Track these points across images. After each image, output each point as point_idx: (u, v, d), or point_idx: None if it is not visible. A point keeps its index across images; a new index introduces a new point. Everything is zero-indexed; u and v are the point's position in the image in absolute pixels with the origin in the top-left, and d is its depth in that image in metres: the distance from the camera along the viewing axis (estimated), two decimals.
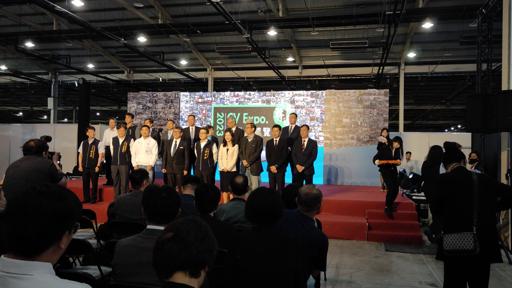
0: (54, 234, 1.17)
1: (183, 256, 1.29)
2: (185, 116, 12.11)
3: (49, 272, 1.17)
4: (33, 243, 1.14)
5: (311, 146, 7.36)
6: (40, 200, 1.16)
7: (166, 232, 1.34)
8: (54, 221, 1.16)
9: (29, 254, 1.15)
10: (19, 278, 1.12)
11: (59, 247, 1.20)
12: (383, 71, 14.98)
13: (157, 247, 1.33)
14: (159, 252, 1.32)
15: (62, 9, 10.01)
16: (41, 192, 1.18)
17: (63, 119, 32.34)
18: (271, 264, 2.16)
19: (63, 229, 1.19)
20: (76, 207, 1.23)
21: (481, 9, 8.28)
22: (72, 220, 1.22)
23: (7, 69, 17.94)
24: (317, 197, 2.73)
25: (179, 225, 1.35)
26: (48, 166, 3.82)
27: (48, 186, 1.22)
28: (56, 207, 1.17)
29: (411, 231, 6.98)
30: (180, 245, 1.30)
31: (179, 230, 1.33)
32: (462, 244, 2.88)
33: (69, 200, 1.21)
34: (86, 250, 3.26)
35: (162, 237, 1.33)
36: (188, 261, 1.30)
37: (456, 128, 30.96)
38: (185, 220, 1.38)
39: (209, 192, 2.84)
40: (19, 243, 1.14)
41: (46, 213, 1.15)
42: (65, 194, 1.22)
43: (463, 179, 3.08)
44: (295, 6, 12.64)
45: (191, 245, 1.30)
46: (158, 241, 1.33)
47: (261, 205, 2.28)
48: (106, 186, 9.22)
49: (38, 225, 1.14)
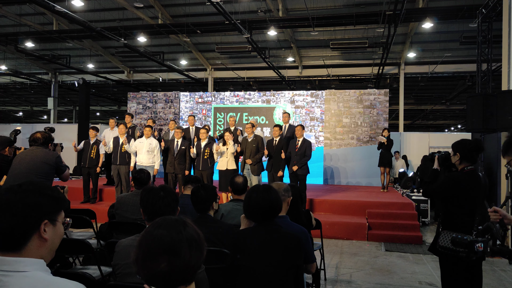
0: (28, 224, 1.17)
1: (182, 277, 1.17)
2: (185, 116, 12.11)
3: (41, 269, 1.16)
4: (10, 235, 1.15)
5: (304, 146, 7.32)
6: (10, 195, 1.18)
7: (156, 261, 1.14)
8: (24, 211, 1.16)
9: (12, 248, 1.15)
10: (11, 275, 1.11)
11: (41, 237, 1.18)
12: (383, 71, 14.98)
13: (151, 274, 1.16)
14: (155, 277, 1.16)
15: (62, 9, 10.01)
16: (11, 189, 1.20)
17: (63, 119, 32.35)
18: (272, 262, 2.16)
19: (37, 217, 1.18)
20: (50, 197, 1.23)
21: (481, 9, 8.27)
22: (48, 209, 1.21)
23: (7, 69, 17.94)
24: (287, 189, 2.76)
25: (169, 245, 1.15)
26: (54, 158, 3.92)
27: (20, 184, 1.23)
28: (25, 200, 1.17)
29: (411, 231, 6.98)
30: (177, 270, 1.15)
31: (173, 252, 1.14)
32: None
33: (41, 192, 1.21)
34: (86, 250, 3.26)
35: (154, 268, 1.14)
36: (188, 278, 1.19)
37: (456, 128, 30.95)
38: (169, 234, 1.16)
39: (200, 191, 2.84)
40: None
41: (16, 206, 1.16)
42: (39, 187, 1.23)
43: (473, 185, 3.01)
44: (295, 6, 12.64)
45: (188, 267, 1.16)
46: (150, 270, 1.15)
47: (258, 202, 2.28)
48: (106, 186, 9.22)
49: (9, 218, 1.15)
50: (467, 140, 3.13)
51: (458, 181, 3.01)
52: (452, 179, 3.05)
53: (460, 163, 3.10)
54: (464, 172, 3.06)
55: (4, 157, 4.33)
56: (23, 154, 3.93)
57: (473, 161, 3.08)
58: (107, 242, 3.05)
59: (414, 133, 15.08)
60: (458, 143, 3.12)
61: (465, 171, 3.06)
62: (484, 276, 3.47)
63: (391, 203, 7.75)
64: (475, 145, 3.07)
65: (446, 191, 3.06)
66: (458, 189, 3.00)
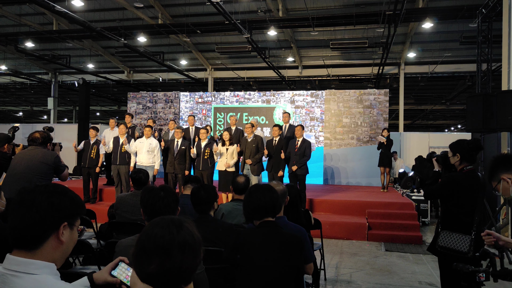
0: (49, 223, 1.18)
1: (175, 279, 1.15)
2: (185, 116, 12.11)
3: (51, 273, 1.17)
4: (31, 231, 1.15)
5: (304, 146, 7.33)
6: (36, 194, 1.19)
7: (148, 260, 1.12)
8: (48, 210, 1.17)
9: (29, 246, 1.16)
10: (20, 277, 1.11)
11: (58, 239, 1.19)
12: (383, 71, 14.98)
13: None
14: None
15: (62, 9, 10.01)
16: (37, 188, 1.21)
17: (63, 119, 32.34)
18: (272, 262, 2.15)
19: (59, 218, 1.19)
20: (73, 200, 1.24)
21: (481, 9, 8.28)
22: (70, 212, 1.22)
23: (7, 69, 17.93)
24: (284, 193, 2.73)
25: (161, 249, 1.12)
26: (53, 158, 3.92)
27: (47, 185, 1.24)
28: (51, 200, 1.19)
29: (411, 231, 6.98)
30: (168, 271, 1.13)
31: (164, 253, 1.12)
32: (457, 245, 2.88)
33: (66, 195, 1.23)
34: (86, 250, 3.26)
35: (146, 267, 1.12)
36: (182, 280, 1.17)
37: (456, 128, 30.95)
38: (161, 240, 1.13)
39: (201, 192, 2.83)
40: (18, 234, 1.16)
41: (42, 204, 1.17)
42: (63, 189, 1.25)
43: (473, 185, 3.00)
44: (295, 6, 12.63)
45: (181, 270, 1.14)
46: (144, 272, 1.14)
47: (259, 201, 2.28)
48: (106, 186, 9.22)
49: (33, 214, 1.16)
50: (465, 140, 3.12)
51: (458, 181, 3.02)
52: (452, 179, 3.05)
53: (460, 164, 3.10)
54: (463, 172, 3.07)
55: (3, 154, 4.33)
56: (22, 154, 3.92)
57: (472, 161, 3.08)
58: (107, 242, 3.05)
59: (414, 133, 15.08)
60: (456, 144, 3.12)
61: (465, 171, 3.06)
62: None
63: (391, 203, 7.75)
64: (474, 145, 3.07)
65: (446, 191, 3.06)
66: (458, 189, 3.00)
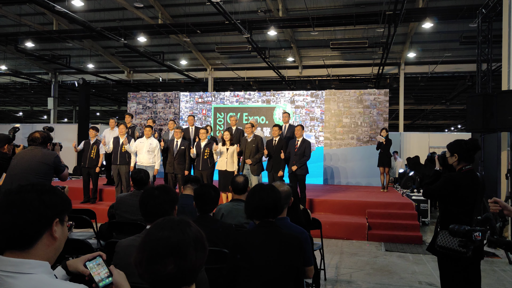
0: (43, 221, 1.18)
1: (188, 278, 1.16)
2: (185, 116, 12.11)
3: (46, 272, 1.16)
4: (24, 231, 1.15)
5: (304, 146, 7.33)
6: (25, 193, 1.19)
7: (163, 264, 1.12)
8: (40, 208, 1.17)
9: (23, 246, 1.15)
10: (15, 277, 1.10)
11: (52, 236, 1.19)
12: (383, 71, 14.99)
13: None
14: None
15: (62, 9, 10.01)
16: (24, 188, 1.21)
17: (63, 119, 32.34)
18: (272, 263, 2.15)
19: (51, 215, 1.19)
20: (61, 197, 1.25)
21: (481, 9, 8.27)
22: (60, 208, 1.22)
23: (7, 69, 17.94)
24: (288, 195, 2.70)
25: (175, 246, 1.13)
26: (53, 158, 3.91)
27: (32, 184, 1.24)
28: (41, 198, 1.19)
29: (411, 231, 6.98)
30: (184, 271, 1.13)
31: (180, 253, 1.13)
32: (456, 245, 2.88)
33: (54, 192, 1.24)
34: (86, 250, 3.26)
35: (161, 270, 1.12)
36: (193, 279, 1.18)
37: (456, 128, 30.95)
38: (175, 236, 1.14)
39: (211, 192, 2.83)
40: (11, 235, 1.14)
41: (33, 203, 1.17)
42: (50, 187, 1.25)
43: (472, 185, 3.01)
44: (295, 6, 12.64)
45: (194, 267, 1.15)
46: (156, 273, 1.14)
47: (262, 200, 2.27)
48: (106, 186, 9.22)
49: (26, 214, 1.15)
50: (462, 140, 3.12)
51: (457, 181, 3.02)
52: (451, 179, 3.06)
53: (458, 164, 3.11)
54: (462, 172, 3.07)
55: (3, 154, 4.32)
56: (22, 153, 3.92)
57: (471, 160, 3.09)
58: (107, 242, 3.05)
59: (414, 133, 15.08)
60: (454, 144, 3.12)
61: (463, 171, 3.07)
62: (484, 276, 3.47)
63: (391, 203, 7.75)
64: (472, 145, 3.07)
65: (445, 191, 3.06)
66: (457, 189, 3.00)
